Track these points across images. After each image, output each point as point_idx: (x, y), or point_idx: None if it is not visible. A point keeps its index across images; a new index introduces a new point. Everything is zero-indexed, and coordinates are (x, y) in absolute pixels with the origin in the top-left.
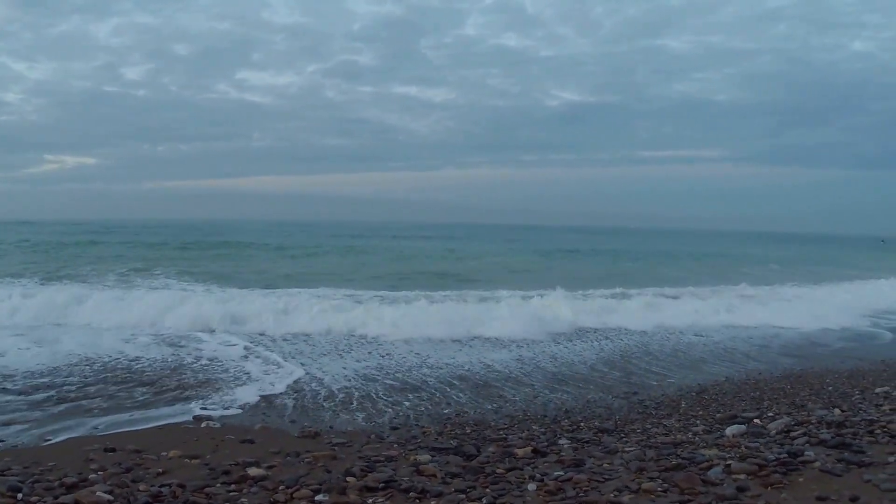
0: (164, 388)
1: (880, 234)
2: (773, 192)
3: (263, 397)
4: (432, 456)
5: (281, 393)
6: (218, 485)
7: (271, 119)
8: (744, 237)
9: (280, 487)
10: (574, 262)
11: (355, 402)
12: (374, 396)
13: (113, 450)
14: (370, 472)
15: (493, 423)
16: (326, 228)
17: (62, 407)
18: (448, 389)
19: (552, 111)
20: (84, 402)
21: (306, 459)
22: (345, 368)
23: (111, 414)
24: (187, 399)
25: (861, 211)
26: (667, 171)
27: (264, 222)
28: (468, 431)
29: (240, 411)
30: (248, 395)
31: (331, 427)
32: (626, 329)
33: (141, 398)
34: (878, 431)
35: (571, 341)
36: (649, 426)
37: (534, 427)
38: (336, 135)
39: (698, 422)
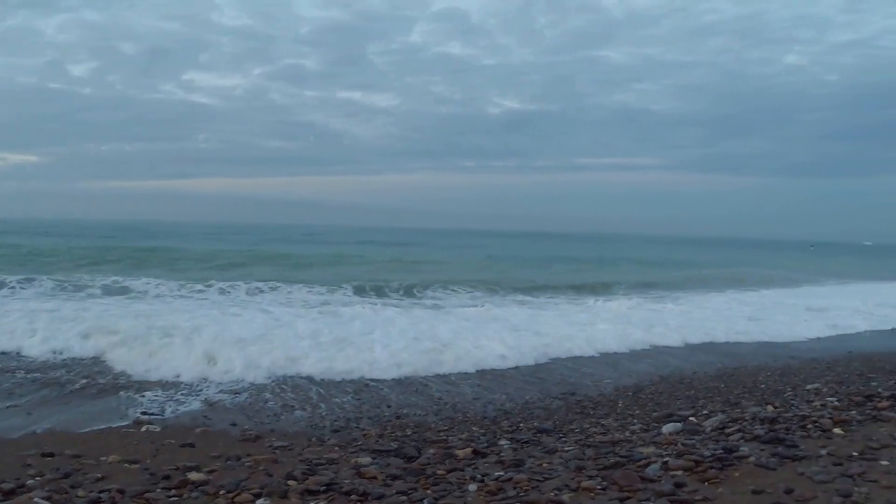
0: (103, 391)
1: (810, 239)
2: (707, 198)
3: (204, 400)
4: (373, 458)
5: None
6: (158, 490)
7: (217, 121)
8: (677, 242)
9: (221, 492)
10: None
11: (297, 405)
12: (315, 400)
13: (51, 454)
14: (311, 476)
15: (433, 426)
16: (266, 232)
17: None
18: (386, 391)
19: (494, 118)
20: (20, 404)
21: (247, 463)
22: (285, 371)
23: (49, 418)
24: (128, 403)
25: (792, 217)
26: (605, 177)
27: (207, 224)
28: (409, 433)
29: (180, 415)
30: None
31: (272, 430)
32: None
33: (79, 402)
34: (810, 426)
35: None
36: (587, 426)
37: (474, 428)
38: (280, 138)
39: (635, 421)
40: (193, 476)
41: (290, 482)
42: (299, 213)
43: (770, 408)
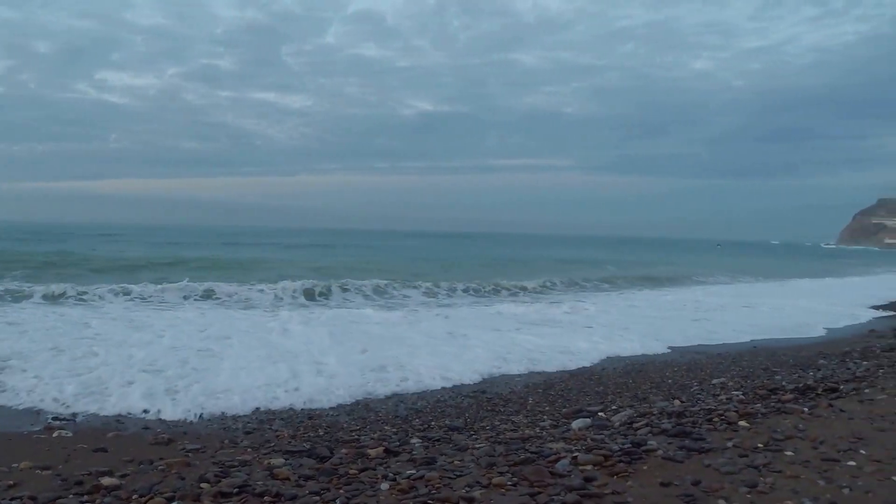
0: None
1: (717, 239)
2: (619, 199)
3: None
4: (286, 459)
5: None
6: (70, 496)
7: (129, 121)
8: (589, 241)
9: (133, 496)
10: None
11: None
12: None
13: None
14: (224, 478)
15: (345, 425)
16: (178, 235)
17: None
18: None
19: (406, 120)
20: None
21: (160, 467)
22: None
23: None
24: (38, 408)
25: (701, 217)
26: (516, 178)
27: (118, 226)
28: (321, 434)
29: (92, 419)
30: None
31: (184, 433)
32: None
33: None
34: (716, 419)
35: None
36: (498, 423)
37: (386, 427)
38: (194, 139)
39: (545, 417)
40: (106, 481)
41: (202, 485)
42: (214, 214)
43: (677, 402)
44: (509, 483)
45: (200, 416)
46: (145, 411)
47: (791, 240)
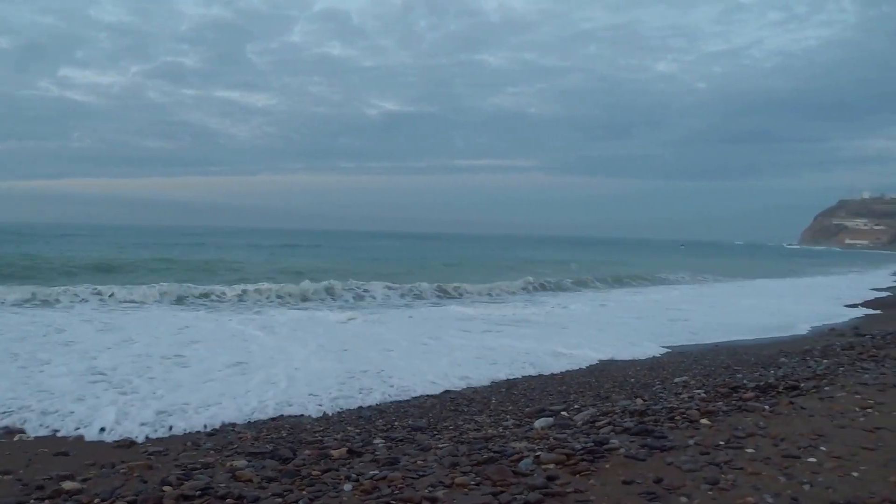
0: None
1: (681, 239)
2: (583, 199)
3: None
4: (248, 461)
5: None
6: (32, 500)
7: (92, 119)
8: (554, 242)
9: (95, 500)
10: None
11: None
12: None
13: None
14: (187, 481)
15: (308, 426)
16: (141, 235)
17: None
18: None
19: (371, 120)
20: None
21: (122, 470)
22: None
23: None
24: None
25: (665, 218)
26: (481, 179)
27: (80, 226)
28: (284, 435)
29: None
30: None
31: (146, 436)
32: None
33: None
34: (678, 418)
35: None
36: (461, 423)
37: (349, 428)
38: (157, 137)
39: (508, 416)
40: (67, 485)
41: (165, 488)
42: (177, 214)
43: (639, 401)
44: (472, 482)
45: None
46: (102, 429)
47: (754, 240)
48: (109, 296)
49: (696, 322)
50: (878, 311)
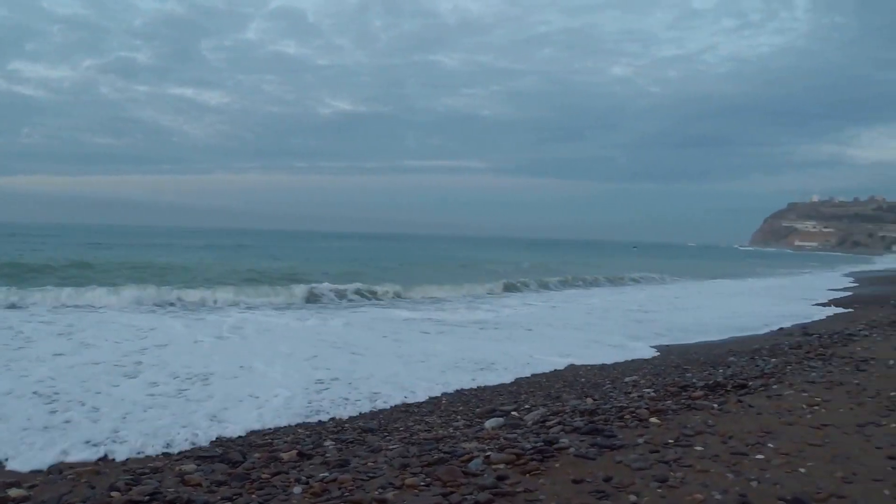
0: None
1: (634, 241)
2: (536, 201)
3: None
4: (198, 465)
5: None
6: None
7: (42, 114)
8: (505, 243)
9: None
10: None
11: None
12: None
13: None
14: (135, 486)
15: (258, 429)
16: (91, 235)
17: None
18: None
19: (325, 119)
20: None
21: (69, 476)
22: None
23: None
24: None
25: (618, 220)
26: (433, 180)
27: (27, 226)
28: (234, 438)
29: None
30: None
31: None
32: None
33: None
34: (628, 416)
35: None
36: (412, 423)
37: (299, 430)
38: (109, 134)
39: (459, 417)
40: (14, 493)
41: (113, 493)
42: (129, 213)
43: (589, 400)
44: (422, 483)
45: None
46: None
47: (707, 242)
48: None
49: (662, 323)
50: (849, 310)
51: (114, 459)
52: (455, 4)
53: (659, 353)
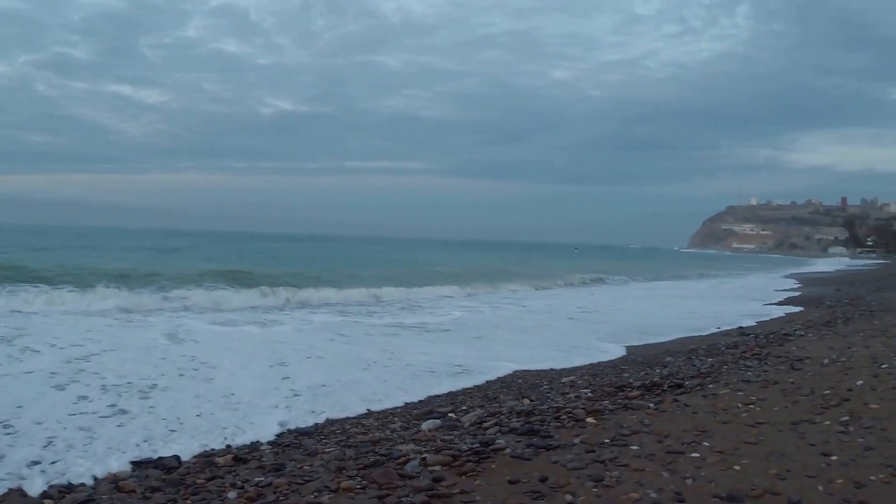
0: None
1: (575, 243)
2: (477, 203)
3: None
4: (132, 471)
5: None
6: None
7: None
8: (447, 245)
9: None
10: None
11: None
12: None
13: None
14: (68, 493)
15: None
16: (23, 236)
17: None
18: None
19: (265, 119)
20: None
21: None
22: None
23: None
24: None
25: (559, 222)
26: (375, 181)
27: None
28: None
29: None
30: None
31: None
32: None
33: None
34: (564, 417)
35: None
36: (349, 426)
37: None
38: (44, 132)
39: (396, 419)
40: None
41: (45, 501)
42: (64, 213)
43: (526, 401)
44: (358, 487)
45: None
46: None
47: (648, 244)
48: None
49: (611, 325)
50: (799, 308)
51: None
52: (399, 5)
53: (628, 353)
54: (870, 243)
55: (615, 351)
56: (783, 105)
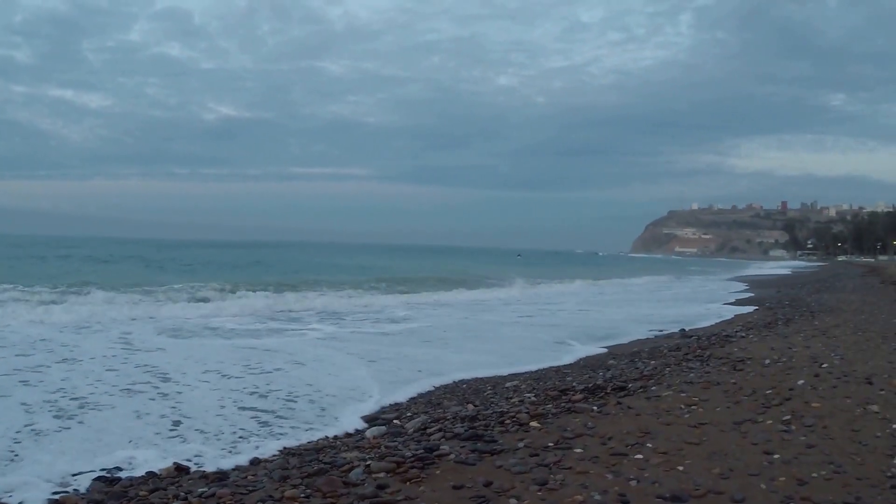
0: None
1: (518, 248)
2: (420, 209)
3: None
4: (74, 484)
5: None
6: None
7: None
8: (389, 250)
9: None
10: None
11: None
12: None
13: None
14: None
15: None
16: None
17: None
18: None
19: (208, 125)
20: None
21: None
22: None
23: None
24: None
25: (503, 227)
26: (317, 187)
27: None
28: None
29: None
30: None
31: None
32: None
33: None
34: (508, 421)
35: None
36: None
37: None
38: None
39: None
40: None
41: None
42: (2, 221)
43: (470, 406)
44: (302, 495)
45: None
46: None
47: (591, 248)
48: None
49: (559, 329)
50: (746, 309)
51: None
52: (344, 10)
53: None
54: (810, 246)
55: (563, 355)
56: (725, 112)
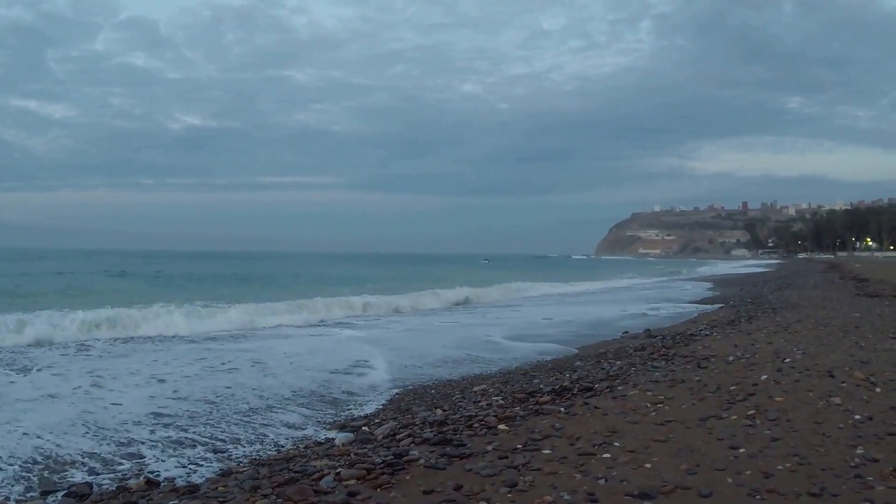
0: None
1: (485, 254)
2: (387, 216)
3: None
4: (43, 499)
5: None
6: None
7: None
8: (358, 258)
9: None
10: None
11: None
12: None
13: None
14: None
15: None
16: None
17: None
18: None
19: (174, 134)
20: None
21: None
22: None
23: None
24: None
25: (469, 233)
26: (285, 196)
27: None
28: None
29: None
30: None
31: None
32: None
33: None
34: (477, 425)
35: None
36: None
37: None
38: None
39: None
40: None
41: None
42: None
43: (439, 411)
44: None
45: None
46: None
47: (557, 252)
48: None
49: (529, 331)
50: (711, 307)
51: None
52: (309, 19)
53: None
54: (771, 244)
55: (530, 355)
56: (685, 116)
